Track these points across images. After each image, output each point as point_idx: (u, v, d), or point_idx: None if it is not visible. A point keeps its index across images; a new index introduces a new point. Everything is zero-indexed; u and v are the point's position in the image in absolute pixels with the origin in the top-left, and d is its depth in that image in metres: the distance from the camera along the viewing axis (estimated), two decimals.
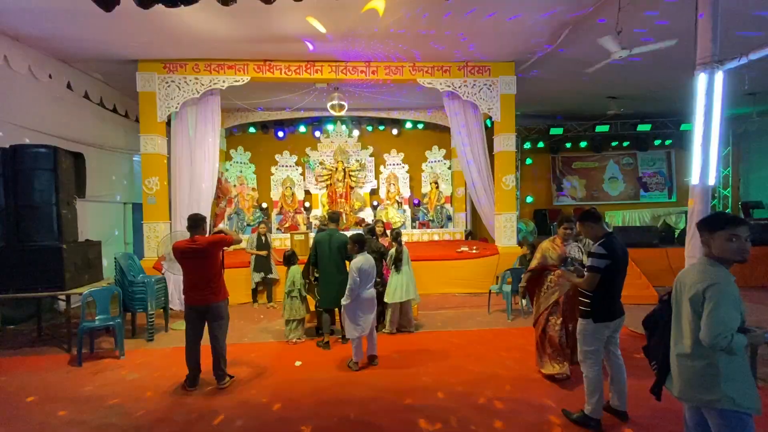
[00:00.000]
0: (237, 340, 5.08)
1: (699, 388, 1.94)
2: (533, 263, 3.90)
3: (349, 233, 5.00)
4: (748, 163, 11.86)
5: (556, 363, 3.78)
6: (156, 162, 7.18)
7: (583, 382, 3.09)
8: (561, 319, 3.76)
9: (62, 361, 4.58)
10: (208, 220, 7.77)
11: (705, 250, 2.02)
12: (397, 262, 5.13)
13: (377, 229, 5.90)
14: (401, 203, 10.89)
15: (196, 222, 3.84)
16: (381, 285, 5.11)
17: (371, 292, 4.22)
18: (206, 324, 3.83)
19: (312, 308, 5.32)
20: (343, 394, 3.65)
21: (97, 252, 5.58)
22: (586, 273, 2.97)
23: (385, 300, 5.16)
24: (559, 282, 3.74)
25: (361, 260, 4.19)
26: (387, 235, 6.00)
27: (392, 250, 5.21)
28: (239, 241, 4.13)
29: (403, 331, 5.28)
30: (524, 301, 6.20)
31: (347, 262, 4.76)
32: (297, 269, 5.16)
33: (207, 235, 3.98)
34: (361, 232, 4.71)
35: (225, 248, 4.00)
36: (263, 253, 6.75)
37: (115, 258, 5.47)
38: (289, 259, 5.22)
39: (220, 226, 9.33)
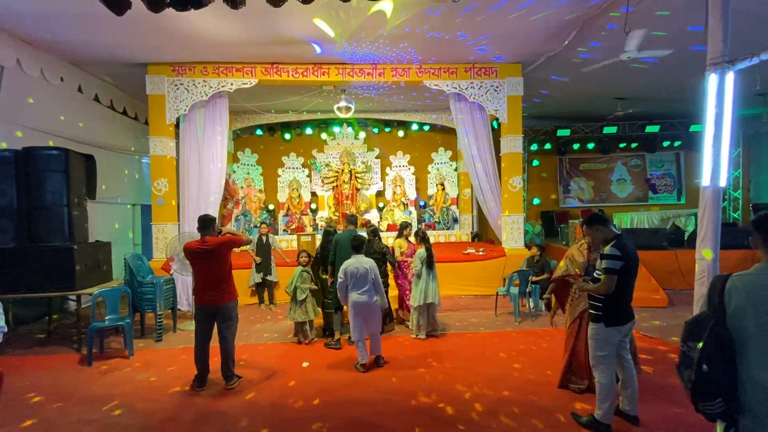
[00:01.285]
0: (244, 341, 5.10)
1: None
2: (557, 272, 3.73)
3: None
4: (758, 164, 11.68)
5: (578, 379, 3.61)
6: (165, 164, 7.25)
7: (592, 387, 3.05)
8: (586, 332, 3.48)
9: (72, 360, 4.64)
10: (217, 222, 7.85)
11: None
12: (430, 262, 5.05)
13: (405, 232, 5.77)
14: (407, 205, 10.89)
15: (206, 223, 3.86)
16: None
17: (362, 297, 4.15)
18: (215, 325, 3.85)
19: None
20: (351, 396, 3.65)
21: (106, 253, 5.64)
22: (601, 277, 2.88)
23: (411, 303, 5.15)
24: (579, 294, 3.56)
25: (351, 262, 4.23)
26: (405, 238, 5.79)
27: (421, 250, 5.09)
28: (249, 242, 4.17)
29: (431, 335, 5.15)
30: (531, 303, 6.16)
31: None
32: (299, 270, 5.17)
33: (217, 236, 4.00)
34: (362, 234, 4.71)
35: (235, 249, 4.02)
36: (258, 259, 6.74)
37: (124, 259, 5.52)
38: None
39: (228, 227, 9.40)
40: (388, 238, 9.74)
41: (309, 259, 5.28)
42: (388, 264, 5.46)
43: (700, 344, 1.75)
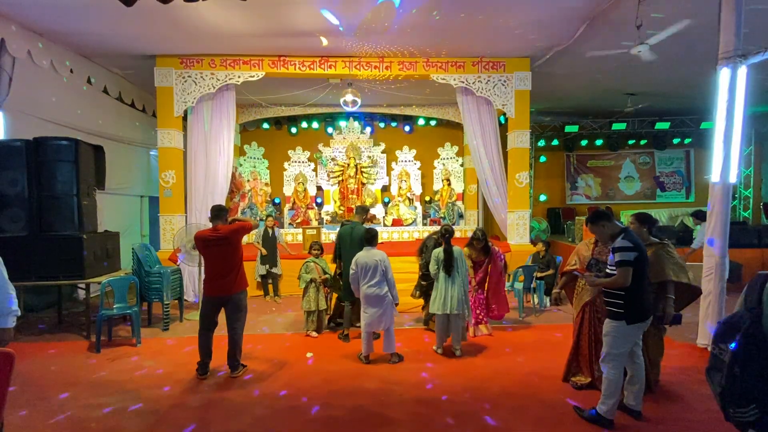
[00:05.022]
0: (250, 331, 5.13)
1: None
2: (566, 267, 3.74)
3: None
4: None
5: (581, 375, 3.60)
6: (172, 156, 7.31)
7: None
8: (589, 325, 3.50)
9: (81, 347, 4.72)
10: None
11: None
12: (447, 265, 4.28)
13: (475, 243, 4.99)
14: (412, 200, 10.87)
15: (218, 212, 3.90)
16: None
17: (374, 289, 4.15)
18: (223, 314, 3.85)
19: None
20: (355, 386, 3.68)
21: (115, 242, 5.71)
22: (615, 270, 2.79)
23: (430, 310, 4.65)
24: (586, 287, 3.50)
25: (362, 254, 4.24)
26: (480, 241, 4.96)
27: (438, 251, 4.39)
28: (256, 226, 4.26)
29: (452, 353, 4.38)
30: (536, 299, 6.15)
31: None
32: (322, 261, 5.23)
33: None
34: (375, 227, 4.71)
35: (248, 233, 4.07)
36: (263, 251, 6.78)
37: (132, 249, 5.59)
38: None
39: (238, 215, 9.48)
40: (393, 233, 9.78)
41: (321, 251, 5.32)
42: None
43: (733, 345, 1.67)
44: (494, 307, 5.01)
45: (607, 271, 2.94)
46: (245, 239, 8.66)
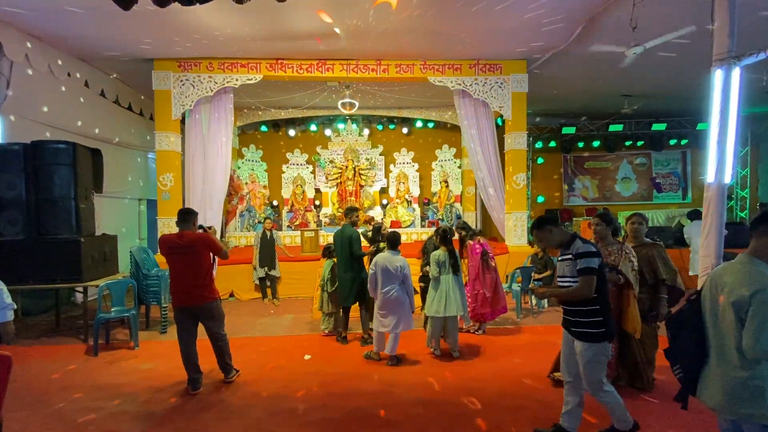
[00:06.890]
0: (247, 334, 5.16)
1: (741, 402, 1.80)
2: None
3: (360, 230, 5.03)
4: (767, 163, 11.56)
5: None
6: (170, 159, 7.31)
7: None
8: None
9: (79, 350, 4.71)
10: (219, 217, 7.88)
11: (751, 247, 1.88)
12: (455, 265, 4.29)
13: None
14: (411, 202, 10.89)
15: (185, 216, 3.62)
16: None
17: (392, 294, 4.10)
18: (200, 323, 3.67)
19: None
20: (353, 387, 3.68)
21: (113, 246, 5.71)
22: (577, 279, 2.52)
23: (425, 312, 4.60)
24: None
25: (384, 256, 4.17)
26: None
27: (439, 252, 4.38)
28: (225, 257, 3.79)
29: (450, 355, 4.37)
30: (534, 300, 6.16)
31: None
32: (329, 263, 5.22)
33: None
34: (397, 231, 4.67)
35: (214, 254, 3.71)
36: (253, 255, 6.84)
37: (130, 252, 5.59)
38: (325, 252, 5.36)
39: (223, 228, 9.43)
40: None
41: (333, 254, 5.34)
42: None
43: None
44: (474, 306, 4.91)
45: (559, 283, 2.65)
46: (242, 242, 8.62)
